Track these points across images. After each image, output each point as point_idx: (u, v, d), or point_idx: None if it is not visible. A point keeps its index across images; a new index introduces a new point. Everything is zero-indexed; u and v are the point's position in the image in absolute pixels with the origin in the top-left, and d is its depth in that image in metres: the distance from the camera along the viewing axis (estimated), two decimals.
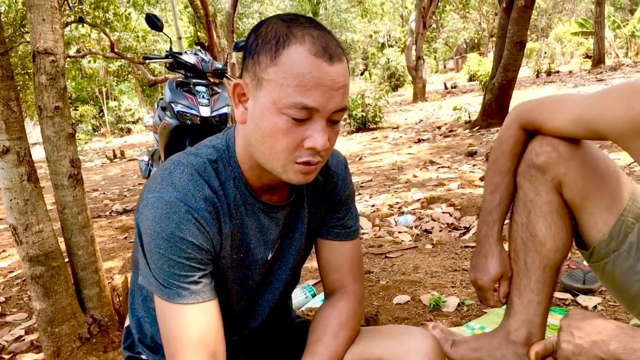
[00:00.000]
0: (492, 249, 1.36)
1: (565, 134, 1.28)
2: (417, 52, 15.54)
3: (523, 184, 1.34)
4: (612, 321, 1.11)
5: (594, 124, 1.20)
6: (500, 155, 1.38)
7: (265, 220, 1.03)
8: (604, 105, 1.18)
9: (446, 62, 42.82)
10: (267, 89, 0.87)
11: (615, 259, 1.31)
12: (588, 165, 1.29)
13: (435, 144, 7.22)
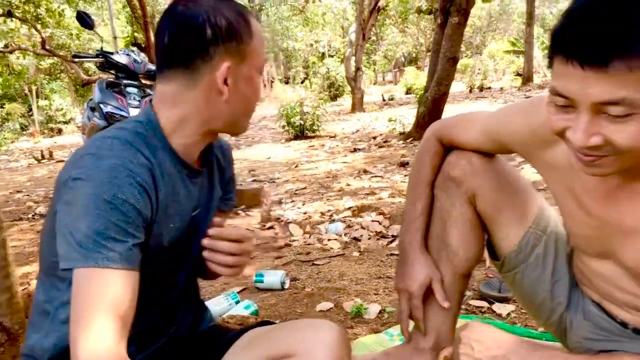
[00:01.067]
0: (417, 256, 1.39)
1: (476, 147, 1.34)
2: (356, 64, 15.76)
3: (440, 196, 1.39)
4: (511, 335, 1.16)
5: (500, 136, 1.27)
6: (420, 167, 1.43)
7: (191, 186, 1.09)
8: (508, 118, 1.25)
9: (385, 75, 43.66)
10: (250, 60, 1.02)
11: (523, 270, 1.37)
12: (500, 179, 1.35)
13: (370, 153, 7.34)
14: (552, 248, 1.36)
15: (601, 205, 1.06)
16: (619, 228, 1.04)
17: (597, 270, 1.19)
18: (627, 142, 0.84)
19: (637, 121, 0.82)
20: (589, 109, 0.83)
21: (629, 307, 1.17)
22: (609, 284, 1.18)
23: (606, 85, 0.80)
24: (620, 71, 0.78)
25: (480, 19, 36.75)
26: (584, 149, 0.87)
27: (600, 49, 0.78)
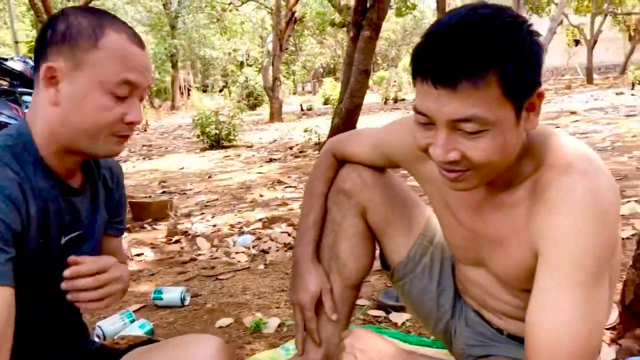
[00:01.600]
0: (309, 267, 1.40)
1: (367, 161, 1.38)
2: (273, 73, 15.77)
3: (332, 208, 1.42)
4: (394, 344, 1.18)
5: (386, 151, 1.32)
6: (314, 179, 1.46)
7: (67, 205, 1.04)
8: (393, 134, 1.31)
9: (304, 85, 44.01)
10: (90, 70, 0.95)
11: (412, 280, 1.41)
12: (390, 192, 1.40)
13: (286, 164, 7.35)
14: (438, 258, 1.41)
15: (471, 216, 1.13)
16: (487, 238, 1.10)
17: (472, 278, 1.25)
18: (481, 157, 0.89)
19: (489, 137, 0.88)
20: (445, 126, 0.89)
21: (501, 314, 1.23)
22: (483, 292, 1.24)
23: (457, 104, 0.86)
24: (468, 90, 0.85)
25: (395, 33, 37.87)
26: (445, 165, 0.93)
27: (449, 70, 0.85)
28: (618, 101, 11.42)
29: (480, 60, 0.84)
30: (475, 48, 0.84)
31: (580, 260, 0.88)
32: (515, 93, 0.87)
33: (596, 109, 10.17)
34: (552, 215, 0.92)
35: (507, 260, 1.08)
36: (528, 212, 0.99)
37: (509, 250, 1.06)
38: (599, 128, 7.48)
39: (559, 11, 18.56)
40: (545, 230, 0.93)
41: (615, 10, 24.07)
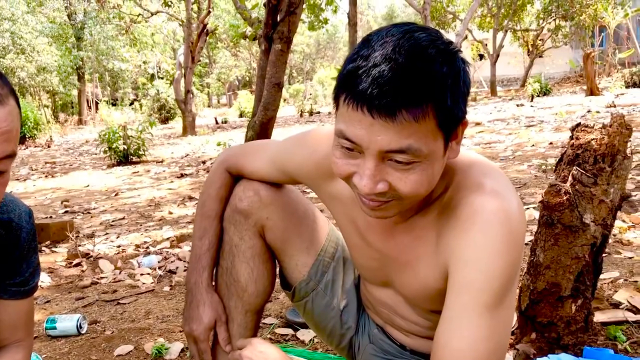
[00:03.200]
0: (203, 297, 1.31)
1: (265, 177, 1.32)
2: (185, 86, 15.46)
3: (229, 229, 1.33)
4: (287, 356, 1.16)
5: (286, 168, 1.26)
6: (207, 199, 1.36)
7: None
8: (294, 150, 1.24)
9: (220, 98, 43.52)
10: None
11: (314, 298, 1.38)
12: (288, 209, 1.34)
13: (198, 179, 7.18)
14: (340, 274, 1.39)
15: (381, 239, 1.10)
16: (397, 261, 1.09)
17: (379, 298, 1.23)
18: (409, 189, 0.86)
19: (420, 169, 0.85)
20: (375, 156, 0.84)
21: (407, 332, 1.23)
22: (390, 311, 1.23)
23: (394, 134, 0.81)
24: (407, 121, 0.80)
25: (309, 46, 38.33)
26: (371, 195, 0.88)
27: (390, 100, 0.80)
28: (519, 112, 12.11)
29: (420, 92, 0.80)
30: (416, 79, 0.80)
31: (489, 282, 0.89)
32: (447, 124, 0.85)
33: (499, 120, 10.72)
34: (462, 235, 0.92)
35: (416, 283, 1.07)
36: (438, 233, 0.99)
37: (419, 273, 1.05)
38: (502, 138, 7.87)
39: (463, 27, 19.50)
40: (455, 251, 0.93)
41: (515, 27, 25.62)
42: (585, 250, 1.60)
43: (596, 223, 1.60)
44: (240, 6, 11.95)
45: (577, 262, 1.61)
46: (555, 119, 9.48)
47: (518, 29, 25.97)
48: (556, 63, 27.28)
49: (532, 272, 1.68)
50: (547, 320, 1.65)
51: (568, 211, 1.58)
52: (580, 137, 1.64)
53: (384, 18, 48.47)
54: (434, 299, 1.04)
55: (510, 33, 26.15)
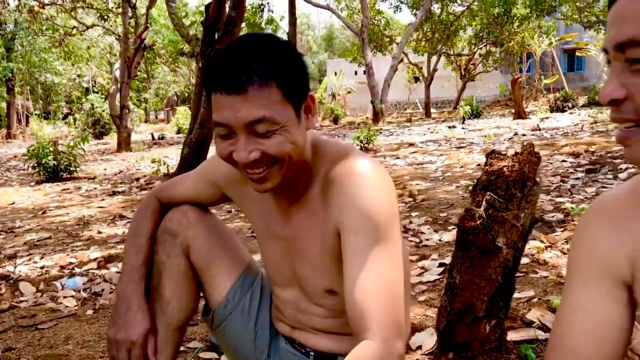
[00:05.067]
0: (140, 303, 1.35)
1: (193, 196, 1.42)
2: (121, 101, 15.11)
3: (158, 249, 1.40)
4: None
5: (211, 177, 1.38)
6: (141, 221, 1.44)
7: None
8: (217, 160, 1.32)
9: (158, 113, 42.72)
10: None
11: (231, 321, 1.42)
12: (213, 232, 1.42)
13: (130, 196, 7.00)
14: (257, 297, 1.46)
15: (282, 225, 1.23)
16: (295, 241, 1.21)
17: (286, 298, 1.32)
18: (277, 150, 1.04)
19: (279, 134, 1.04)
20: (243, 130, 1.03)
21: (312, 329, 1.29)
22: (295, 310, 1.30)
23: (250, 107, 1.00)
24: (256, 95, 1.00)
25: None
26: (249, 165, 1.05)
27: (240, 79, 1.00)
28: (450, 134, 12.52)
29: (263, 71, 1.00)
30: (259, 61, 1.00)
31: (373, 220, 1.04)
32: (293, 97, 1.05)
33: (431, 141, 11.05)
34: (342, 192, 1.09)
35: (313, 258, 1.19)
36: (324, 203, 1.14)
37: (315, 247, 1.17)
38: (433, 159, 8.11)
39: (399, 50, 20.07)
40: (340, 208, 1.08)
41: (448, 51, 26.58)
42: (498, 272, 1.68)
43: (508, 246, 1.68)
44: (177, 23, 11.87)
45: (490, 284, 1.68)
46: (484, 141, 9.87)
47: (451, 53, 26.97)
48: (487, 87, 28.47)
49: (449, 294, 1.75)
50: (464, 340, 1.72)
51: (482, 235, 1.66)
52: (493, 164, 1.73)
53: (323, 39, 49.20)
54: (328, 274, 1.16)
55: (444, 57, 27.11)
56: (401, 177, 6.39)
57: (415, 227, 3.86)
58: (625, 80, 0.70)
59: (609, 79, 0.73)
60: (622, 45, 0.69)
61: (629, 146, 0.74)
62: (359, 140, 9.93)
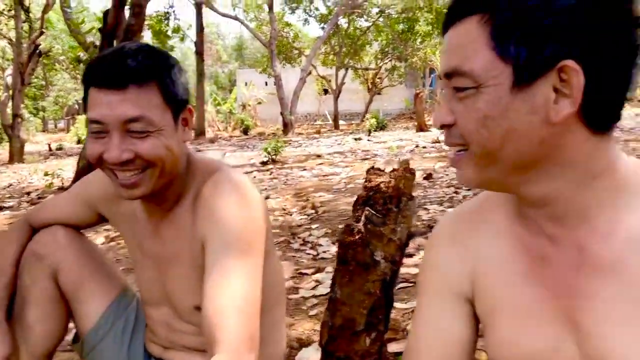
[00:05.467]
0: (3, 327, 1.29)
1: (65, 216, 1.36)
2: (14, 110, 14.20)
3: (22, 274, 1.34)
4: None
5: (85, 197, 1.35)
6: (8, 243, 1.37)
7: None
8: (91, 179, 1.35)
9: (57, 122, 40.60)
10: None
11: (102, 349, 1.38)
12: (85, 254, 1.37)
13: (19, 212, 6.57)
14: (132, 321, 1.43)
15: (153, 241, 1.22)
16: (165, 258, 1.20)
17: (158, 318, 1.30)
18: (151, 153, 1.04)
19: (155, 137, 1.04)
20: (118, 128, 1.02)
21: (184, 348, 1.28)
22: (167, 329, 1.29)
23: (129, 105, 1.01)
24: (136, 93, 1.02)
25: None
26: (120, 167, 1.05)
27: (123, 77, 1.02)
28: (356, 146, 12.81)
29: (146, 71, 1.04)
30: (141, 60, 1.04)
31: (235, 234, 1.06)
32: (172, 103, 1.07)
33: (338, 153, 11.24)
34: (206, 207, 1.11)
35: (182, 274, 1.19)
36: (193, 218, 1.14)
37: (184, 263, 1.17)
38: (338, 170, 8.25)
39: (307, 63, 20.35)
40: (204, 223, 1.10)
41: (356, 65, 27.25)
42: (376, 286, 1.72)
43: (386, 260, 1.72)
44: (74, 30, 11.37)
45: (369, 298, 1.71)
46: (388, 153, 10.18)
47: (359, 67, 27.68)
48: (393, 100, 29.46)
49: (331, 308, 1.76)
50: (344, 355, 1.74)
51: (361, 249, 1.69)
52: (372, 180, 1.77)
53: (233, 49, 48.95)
54: (196, 290, 1.14)
55: (352, 71, 27.77)
56: (306, 188, 6.44)
57: (314, 240, 3.89)
58: (453, 107, 0.73)
59: (442, 104, 0.76)
60: (448, 75, 0.73)
61: (460, 169, 0.76)
62: (267, 151, 9.92)
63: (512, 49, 0.66)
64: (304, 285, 2.87)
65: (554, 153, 0.70)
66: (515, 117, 0.68)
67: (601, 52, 0.66)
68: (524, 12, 0.65)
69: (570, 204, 0.73)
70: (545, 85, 0.67)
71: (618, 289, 0.71)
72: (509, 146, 0.69)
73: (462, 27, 0.71)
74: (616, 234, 0.72)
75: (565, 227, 0.75)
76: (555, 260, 0.77)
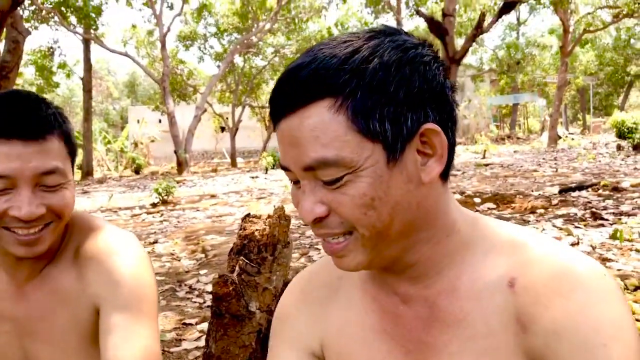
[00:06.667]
0: None
1: None
2: None
3: None
4: None
5: None
6: None
7: None
8: None
9: None
10: None
11: None
12: None
13: None
14: None
15: (12, 303, 1.09)
16: (31, 321, 1.09)
17: None
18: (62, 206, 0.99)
19: (64, 189, 1.00)
20: (29, 182, 0.95)
21: None
22: None
23: (44, 157, 0.95)
24: (49, 145, 0.96)
25: None
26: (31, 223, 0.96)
27: (35, 127, 0.95)
28: (253, 184, 12.75)
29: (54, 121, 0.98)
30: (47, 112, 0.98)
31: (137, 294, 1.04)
32: (71, 151, 1.03)
33: (234, 192, 11.12)
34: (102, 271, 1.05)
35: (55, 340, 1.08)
36: (79, 277, 1.07)
37: (58, 326, 1.08)
38: (233, 210, 8.13)
39: (202, 100, 20.17)
40: (100, 286, 1.05)
41: (252, 103, 27.38)
42: (252, 338, 1.66)
43: (261, 310, 1.68)
44: None
45: (244, 351, 1.65)
46: (284, 191, 10.20)
47: (255, 105, 27.83)
48: None
49: None
50: None
51: (235, 301, 1.63)
52: (247, 228, 1.73)
53: (125, 85, 47.52)
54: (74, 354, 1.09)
55: (249, 108, 27.86)
56: (197, 231, 6.26)
57: (201, 287, 3.76)
58: (323, 197, 0.69)
59: (304, 197, 0.70)
60: (309, 168, 0.68)
61: (345, 256, 0.72)
62: (157, 192, 9.59)
63: (377, 126, 0.65)
64: (187, 336, 2.75)
65: (426, 214, 0.71)
66: (397, 189, 0.67)
67: (443, 106, 0.70)
68: (376, 90, 0.65)
69: (428, 264, 0.74)
70: (411, 152, 0.68)
71: (463, 344, 0.73)
72: (396, 219, 0.68)
73: (307, 116, 0.66)
74: (460, 290, 0.74)
75: (418, 286, 0.76)
76: (406, 318, 0.78)
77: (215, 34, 24.65)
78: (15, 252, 1.00)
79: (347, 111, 0.65)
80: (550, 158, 14.00)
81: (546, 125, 25.73)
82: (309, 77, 0.66)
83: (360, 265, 0.72)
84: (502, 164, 12.71)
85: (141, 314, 1.04)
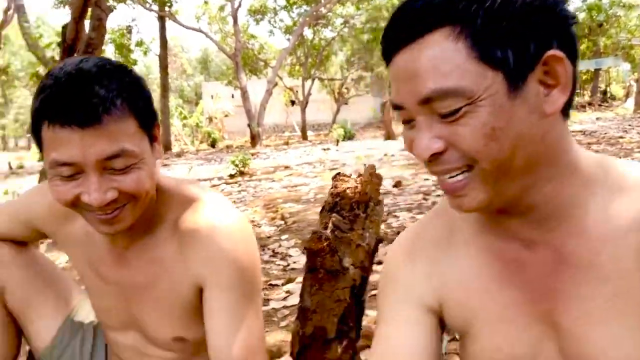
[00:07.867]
0: None
1: (6, 233, 1.26)
2: None
3: None
4: None
5: (26, 217, 1.22)
6: None
7: None
8: (31, 199, 1.23)
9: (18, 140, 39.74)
10: None
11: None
12: (32, 270, 1.28)
13: None
14: (90, 337, 1.34)
15: (116, 270, 1.12)
16: (135, 287, 1.12)
17: (123, 342, 1.22)
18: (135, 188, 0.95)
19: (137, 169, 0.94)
20: (95, 168, 0.90)
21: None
22: (136, 354, 1.21)
23: (105, 141, 0.89)
24: (112, 126, 0.89)
25: None
26: (103, 207, 0.93)
27: (91, 109, 0.87)
28: (325, 156, 12.82)
29: (118, 97, 0.90)
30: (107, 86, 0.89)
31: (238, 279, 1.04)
32: (146, 125, 0.97)
33: (306, 164, 11.23)
34: (205, 248, 1.04)
35: (158, 306, 1.11)
36: (180, 250, 1.06)
37: (160, 294, 1.10)
38: (307, 181, 8.23)
39: (273, 74, 20.34)
40: (203, 264, 1.04)
41: (322, 75, 27.39)
42: (346, 293, 1.69)
43: (355, 266, 1.70)
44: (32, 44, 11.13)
45: (339, 305, 1.69)
46: (356, 162, 10.21)
47: (325, 77, 27.81)
48: (360, 110, 29.68)
49: (301, 318, 1.73)
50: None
51: (329, 256, 1.66)
52: (338, 186, 1.75)
53: (198, 61, 48.68)
54: (178, 323, 1.11)
55: (318, 81, 27.89)
56: (275, 200, 6.40)
57: (283, 251, 3.85)
58: (440, 132, 0.67)
59: (419, 135, 0.69)
60: (426, 100, 0.66)
61: (464, 196, 0.70)
62: (234, 164, 9.84)
63: (499, 53, 0.63)
64: (274, 296, 2.84)
65: (548, 149, 0.69)
66: (519, 120, 0.65)
67: (569, 36, 0.67)
68: (497, 15, 0.63)
69: (552, 205, 0.72)
70: (534, 81, 0.66)
71: (593, 287, 0.71)
72: (519, 152, 0.66)
73: (426, 45, 0.65)
74: (589, 232, 0.71)
75: (542, 229, 0.74)
76: (531, 264, 0.76)
77: (285, 7, 24.67)
78: (98, 230, 0.99)
79: (467, 39, 0.64)
80: (637, 124, 13.21)
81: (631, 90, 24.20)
82: (426, 5, 0.65)
83: (481, 203, 0.70)
84: (584, 131, 12.13)
85: (249, 296, 1.06)
